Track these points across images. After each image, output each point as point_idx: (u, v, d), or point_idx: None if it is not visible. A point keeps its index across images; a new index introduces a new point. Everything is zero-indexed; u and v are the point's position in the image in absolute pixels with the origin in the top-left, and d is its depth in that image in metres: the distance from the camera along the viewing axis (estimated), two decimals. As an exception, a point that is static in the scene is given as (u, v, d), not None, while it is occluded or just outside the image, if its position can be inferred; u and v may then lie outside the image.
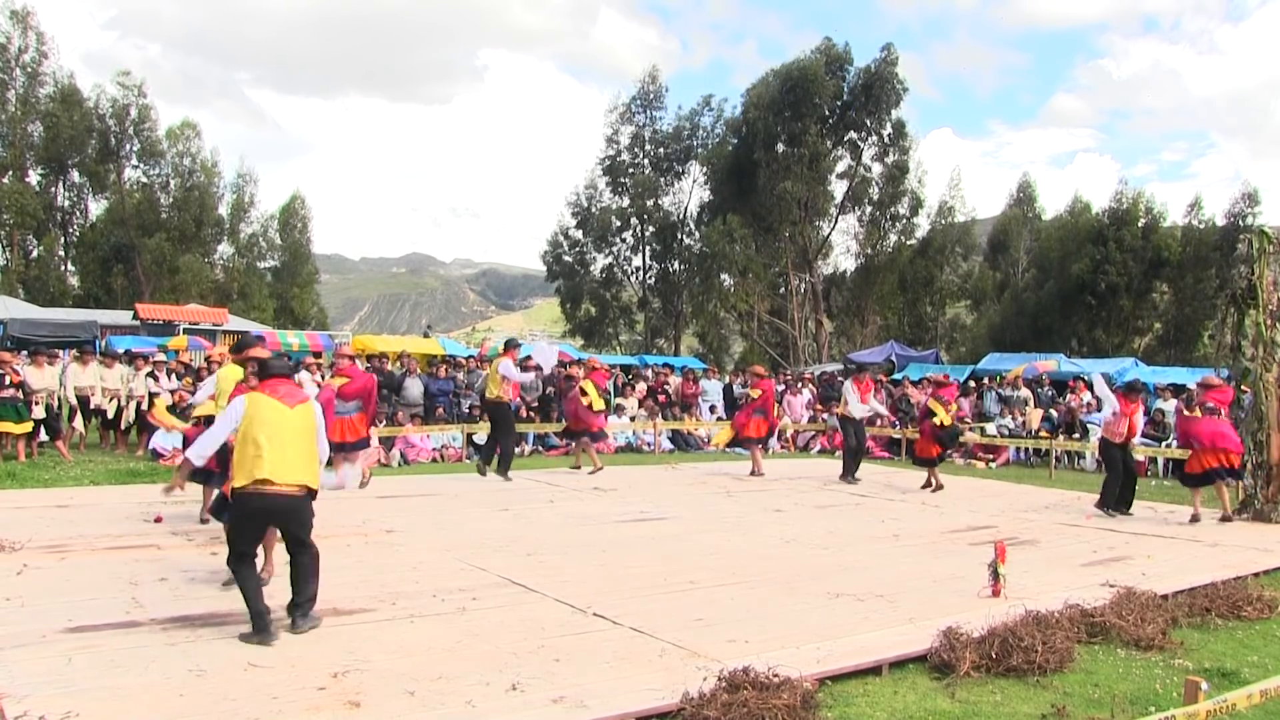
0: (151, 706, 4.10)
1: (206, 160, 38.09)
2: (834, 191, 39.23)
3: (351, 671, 4.60)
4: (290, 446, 5.23)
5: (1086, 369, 21.06)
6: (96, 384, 14.41)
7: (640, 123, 41.29)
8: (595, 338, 42.13)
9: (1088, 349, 34.71)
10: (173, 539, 7.82)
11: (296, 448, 5.26)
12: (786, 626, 5.65)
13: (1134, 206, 36.80)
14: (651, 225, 41.20)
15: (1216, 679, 4.84)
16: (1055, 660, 5.00)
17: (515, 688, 4.43)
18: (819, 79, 36.02)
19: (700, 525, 9.47)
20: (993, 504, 11.62)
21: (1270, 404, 10.69)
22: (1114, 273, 35.48)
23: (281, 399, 5.34)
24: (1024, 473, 15.84)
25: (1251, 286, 10.99)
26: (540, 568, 7.18)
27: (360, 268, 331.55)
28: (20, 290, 34.04)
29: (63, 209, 37.95)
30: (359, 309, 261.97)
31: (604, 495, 11.54)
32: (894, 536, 9.11)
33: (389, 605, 5.90)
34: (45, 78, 35.85)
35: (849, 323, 40.45)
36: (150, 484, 11.21)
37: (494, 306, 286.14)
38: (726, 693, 4.22)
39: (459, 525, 9.08)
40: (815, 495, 12.12)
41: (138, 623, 5.36)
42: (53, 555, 7.05)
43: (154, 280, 35.81)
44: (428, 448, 15.29)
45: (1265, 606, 6.36)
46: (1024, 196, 44.88)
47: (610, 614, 5.81)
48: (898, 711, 4.42)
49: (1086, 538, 9.22)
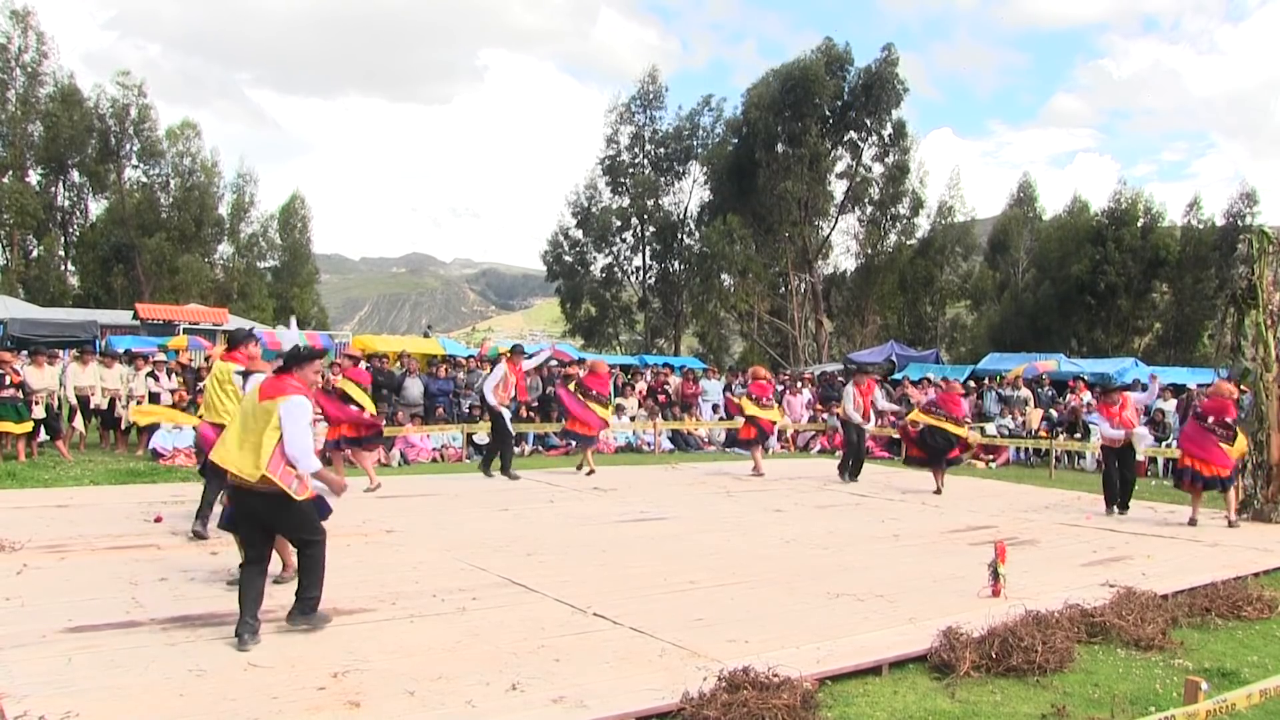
0: (151, 706, 4.10)
1: (206, 160, 38.13)
2: (834, 191, 39.26)
3: (351, 671, 4.60)
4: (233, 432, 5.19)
5: (1086, 369, 21.09)
6: (96, 384, 14.43)
7: (640, 123, 41.31)
8: (595, 338, 42.12)
9: (1087, 349, 34.71)
10: (173, 539, 7.82)
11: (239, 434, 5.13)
12: (786, 626, 5.65)
13: (1133, 206, 36.79)
14: (651, 225, 41.20)
15: (1216, 679, 4.84)
16: (1055, 660, 4.99)
17: (515, 688, 4.43)
18: (820, 79, 36.01)
19: (700, 525, 9.47)
20: (993, 504, 11.62)
21: (1270, 404, 10.70)
22: (1113, 273, 35.48)
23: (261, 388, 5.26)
24: (1024, 473, 15.84)
25: (1251, 286, 10.99)
26: (540, 568, 7.18)
27: (360, 268, 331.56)
28: (20, 290, 34.04)
29: (63, 209, 37.93)
30: (359, 309, 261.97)
31: (604, 495, 11.54)
32: (894, 536, 9.11)
33: (389, 605, 5.90)
34: (45, 78, 35.86)
35: (849, 323, 40.44)
36: (150, 484, 11.23)
37: (494, 306, 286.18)
38: (726, 693, 4.22)
39: (459, 525, 9.08)
40: (815, 495, 12.12)
41: (138, 623, 5.36)
42: (53, 555, 7.05)
43: (154, 280, 35.80)
44: (428, 448, 15.30)
45: (1265, 606, 6.36)
46: (1024, 196, 44.86)
47: (610, 614, 5.81)
48: (898, 711, 4.42)
49: (1086, 538, 9.22)
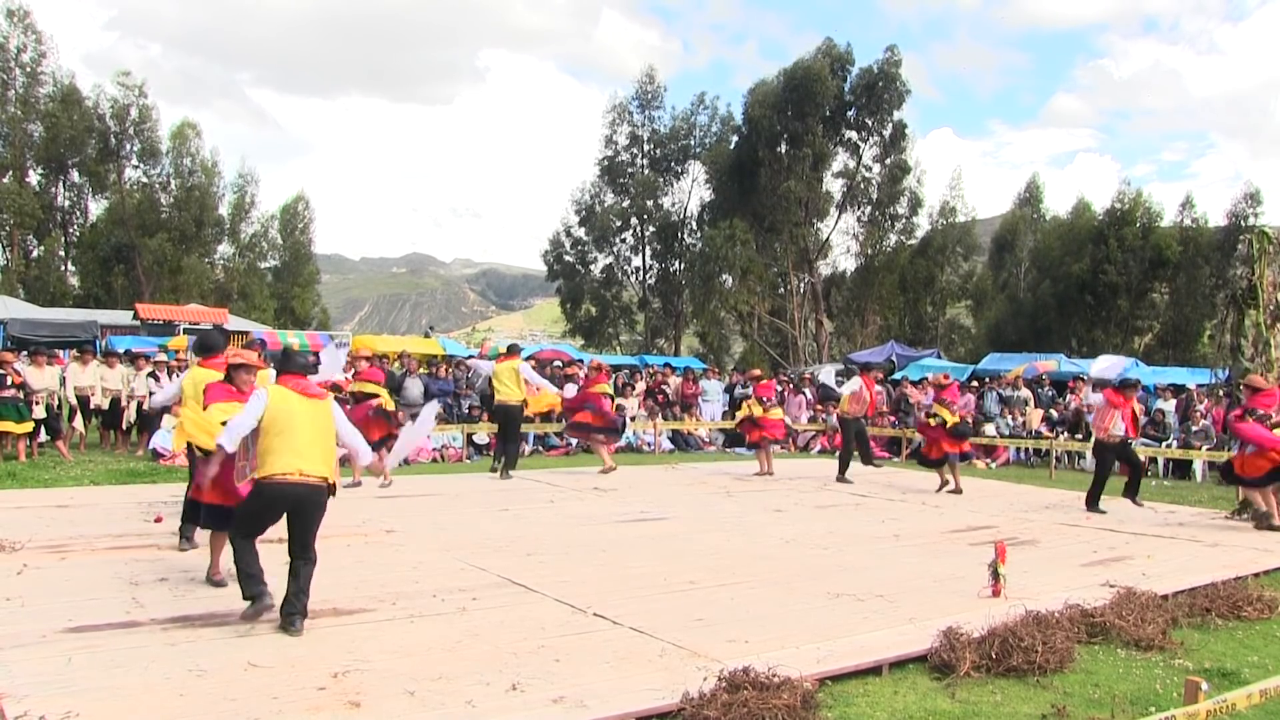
0: (151, 706, 4.09)
1: (206, 160, 38.12)
2: (833, 191, 39.28)
3: (351, 671, 4.60)
4: (307, 439, 5.31)
5: (1086, 369, 21.08)
6: (96, 384, 14.43)
7: (638, 123, 41.32)
8: (595, 338, 42.12)
9: (1087, 349, 34.68)
10: (173, 539, 7.79)
11: (314, 440, 5.34)
12: (786, 626, 5.64)
13: (1135, 206, 36.79)
14: (652, 225, 41.21)
15: (1216, 679, 4.83)
16: (1055, 660, 4.99)
17: (515, 688, 4.43)
18: (822, 79, 36.03)
19: (700, 525, 9.47)
20: (993, 504, 11.62)
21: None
22: (1113, 272, 35.48)
23: (301, 393, 5.44)
24: (1024, 473, 15.84)
25: (1252, 287, 11.00)
26: (540, 568, 7.18)
27: (360, 268, 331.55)
28: (20, 290, 34.04)
29: (63, 209, 37.92)
30: (359, 309, 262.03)
31: (604, 495, 11.54)
32: (894, 536, 9.11)
33: (389, 605, 5.90)
34: (45, 77, 35.87)
35: (849, 323, 40.43)
36: (150, 484, 11.23)
37: (494, 306, 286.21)
38: (726, 693, 4.22)
39: (459, 525, 9.07)
40: (815, 495, 12.11)
41: (138, 623, 5.36)
42: (53, 555, 7.05)
43: (154, 280, 35.81)
44: (428, 448, 15.29)
45: (1265, 606, 6.36)
46: (1031, 196, 44.77)
47: (610, 614, 5.81)
48: (898, 711, 4.42)
49: (1086, 538, 9.22)
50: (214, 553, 6.33)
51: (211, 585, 6.20)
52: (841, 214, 39.70)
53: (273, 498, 5.27)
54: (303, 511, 5.31)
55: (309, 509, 5.32)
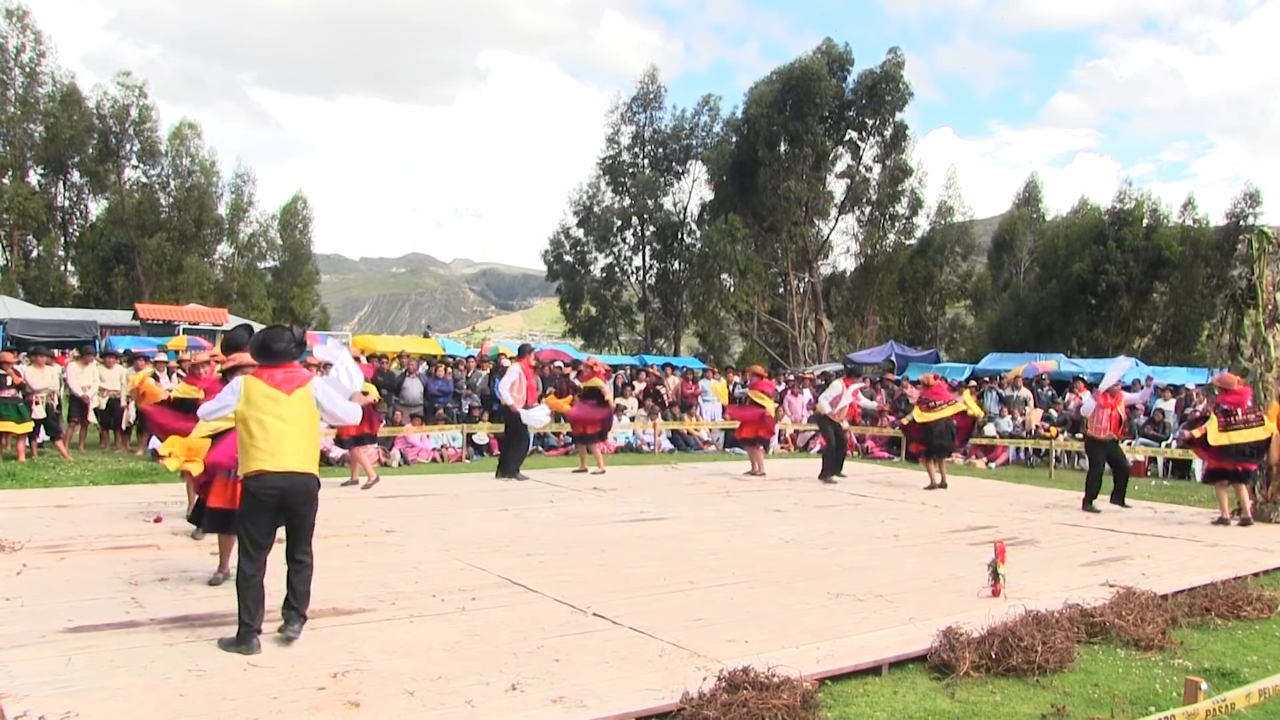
0: (151, 706, 4.10)
1: (206, 160, 38.09)
2: (834, 191, 39.28)
3: (351, 671, 4.60)
4: (279, 433, 5.11)
5: (1086, 369, 21.09)
6: (96, 384, 14.42)
7: (640, 122, 41.32)
8: (595, 338, 42.11)
9: (1088, 349, 34.68)
10: (173, 539, 7.81)
11: (287, 435, 5.14)
12: (786, 626, 5.64)
13: (1138, 206, 36.77)
14: (652, 225, 41.20)
15: (1216, 679, 4.83)
16: (1055, 660, 4.99)
17: (515, 688, 4.43)
18: (821, 79, 36.03)
19: (700, 525, 9.47)
20: (993, 504, 11.62)
21: (1269, 404, 10.68)
22: (1114, 272, 35.47)
23: (278, 385, 5.20)
24: (1024, 473, 15.84)
25: (1251, 287, 10.99)
26: (540, 568, 7.18)
27: (360, 268, 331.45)
28: (20, 290, 34.03)
29: (63, 209, 37.91)
30: (359, 309, 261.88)
31: (604, 495, 11.54)
32: (894, 536, 9.11)
33: (389, 605, 5.90)
34: (44, 77, 35.85)
35: (849, 323, 40.43)
36: (150, 484, 11.22)
37: (494, 307, 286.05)
38: (726, 693, 4.22)
39: (459, 525, 9.07)
40: (815, 495, 12.12)
41: (138, 623, 5.36)
42: (53, 555, 7.05)
43: (154, 280, 35.79)
44: (427, 448, 15.30)
45: (1265, 606, 6.36)
46: (1030, 196, 44.78)
47: (610, 614, 5.81)
48: (898, 711, 4.42)
49: (1086, 538, 9.22)
50: (223, 553, 6.32)
51: (211, 585, 6.20)
52: (841, 214, 39.74)
53: (256, 494, 5.10)
54: (292, 505, 5.15)
55: (297, 501, 5.15)
